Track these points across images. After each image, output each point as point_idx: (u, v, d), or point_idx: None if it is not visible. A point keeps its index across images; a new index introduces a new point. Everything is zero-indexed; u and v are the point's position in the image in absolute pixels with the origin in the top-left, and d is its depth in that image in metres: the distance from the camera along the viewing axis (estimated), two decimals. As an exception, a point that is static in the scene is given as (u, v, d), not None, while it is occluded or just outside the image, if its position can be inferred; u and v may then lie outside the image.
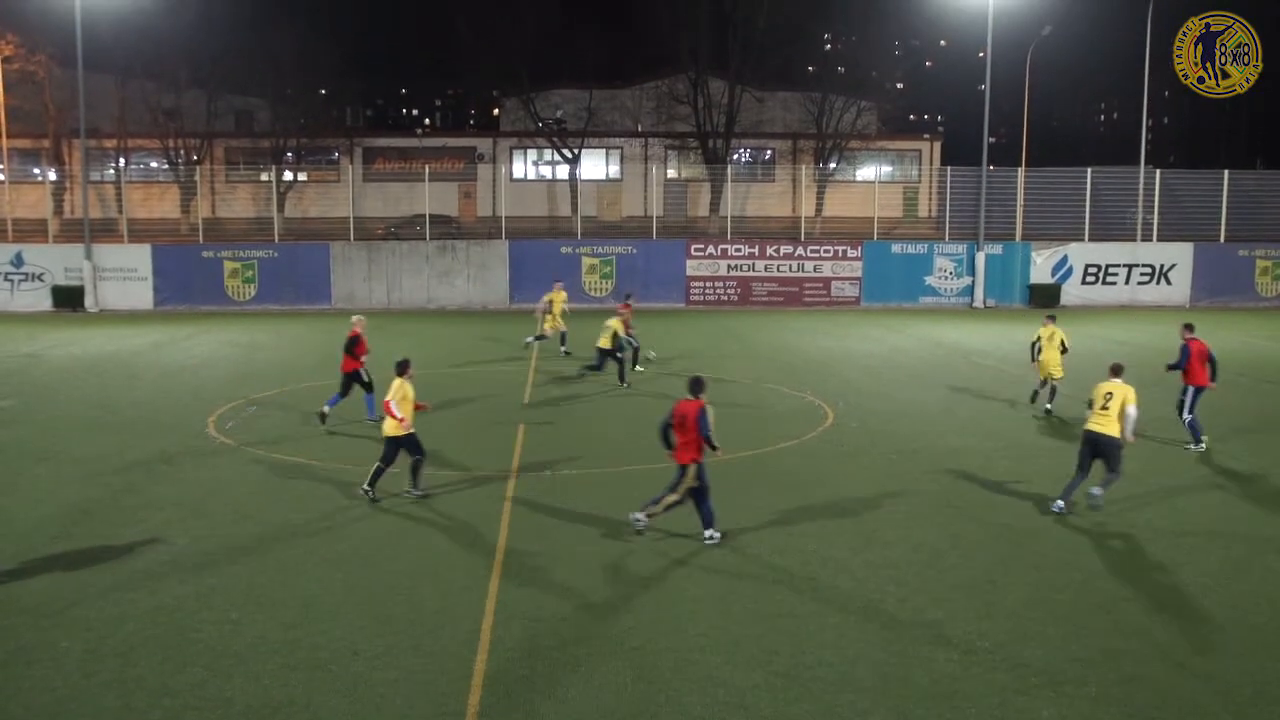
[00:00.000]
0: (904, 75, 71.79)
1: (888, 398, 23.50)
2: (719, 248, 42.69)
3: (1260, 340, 33.74)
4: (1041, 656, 10.31)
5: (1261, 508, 15.32)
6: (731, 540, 13.67)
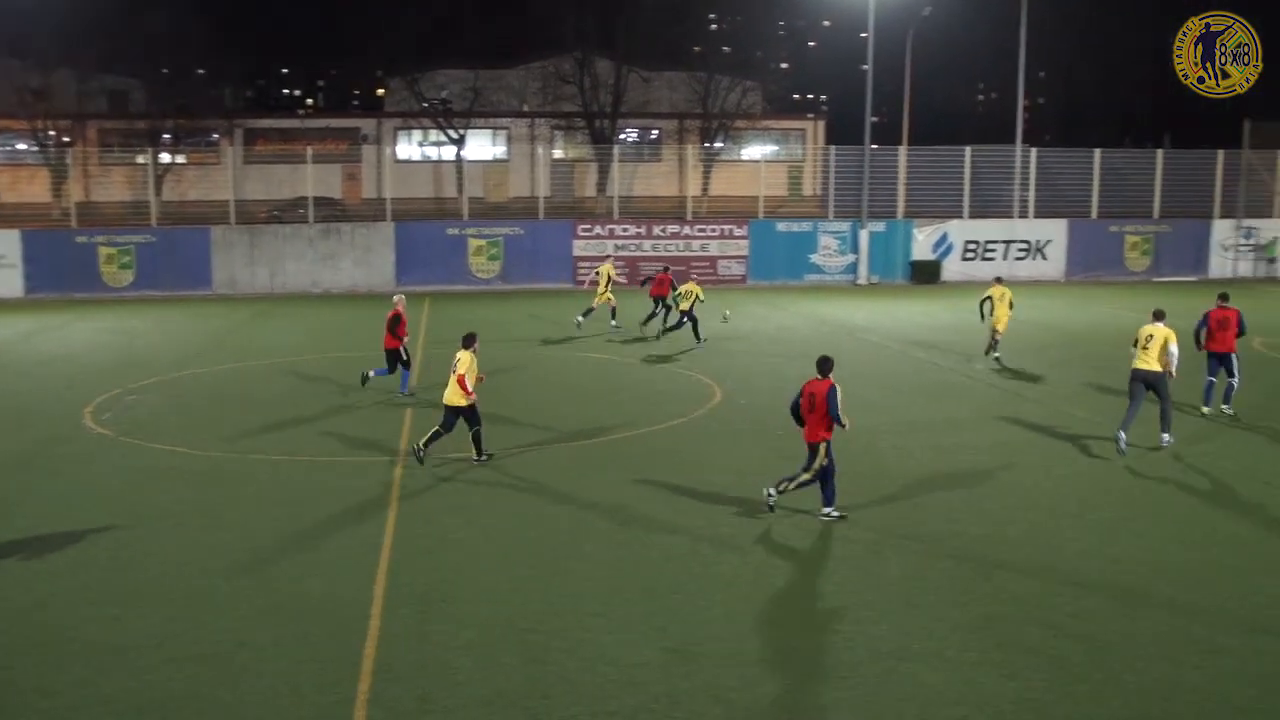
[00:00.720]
0: (788, 55, 72.47)
1: (775, 375, 23.75)
2: (606, 228, 42.69)
3: (1130, 313, 34.78)
4: (923, 624, 10.56)
5: (1133, 475, 15.84)
6: (621, 519, 13.76)
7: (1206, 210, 47.26)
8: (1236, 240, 47.22)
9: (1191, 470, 16.17)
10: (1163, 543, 12.96)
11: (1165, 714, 8.88)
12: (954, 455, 16.96)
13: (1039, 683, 9.38)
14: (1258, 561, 12.29)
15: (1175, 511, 14.18)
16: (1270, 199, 47.87)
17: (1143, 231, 46.34)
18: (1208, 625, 10.53)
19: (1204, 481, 15.60)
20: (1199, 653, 9.95)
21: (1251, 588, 11.49)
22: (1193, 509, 14.31)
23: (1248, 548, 12.77)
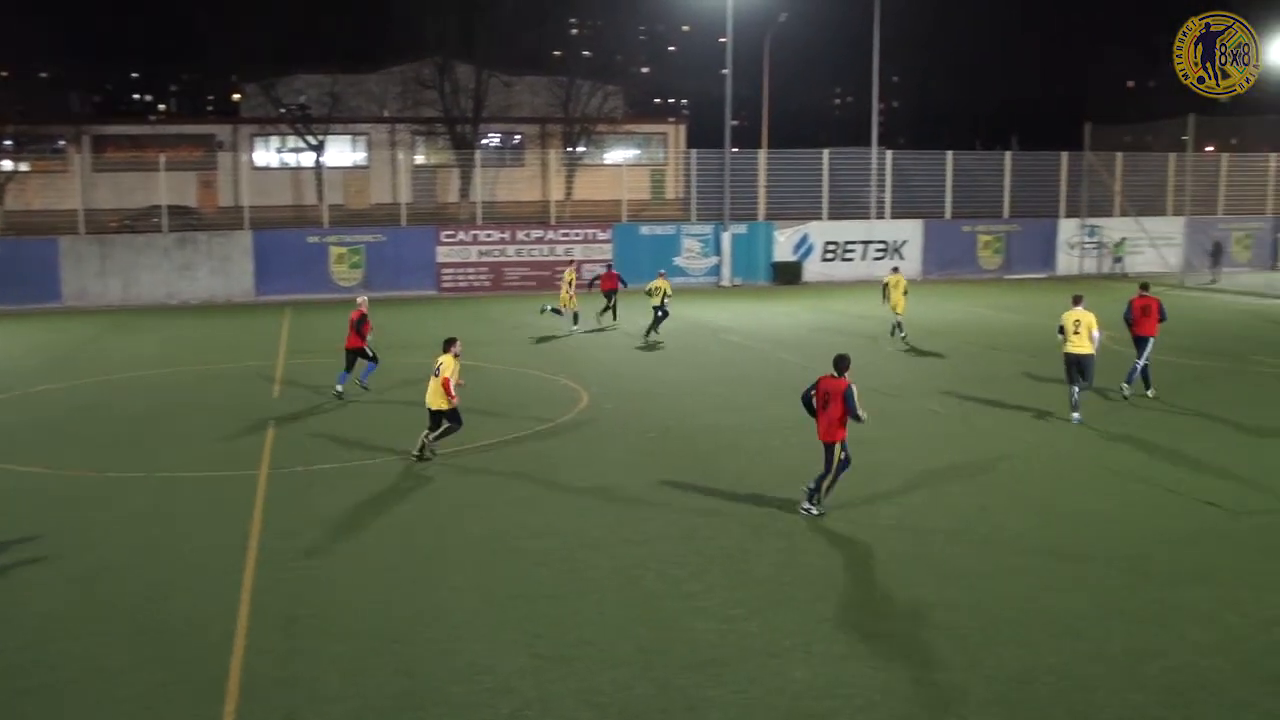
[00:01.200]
0: (649, 60, 72.94)
1: (641, 378, 23.91)
2: (470, 233, 42.40)
3: (984, 310, 35.94)
4: (793, 619, 10.74)
5: (993, 464, 16.32)
6: (490, 525, 13.70)
7: (1053, 210, 49.02)
8: (1081, 239, 49.06)
9: (1051, 457, 16.74)
10: (1020, 530, 13.38)
11: (1023, 697, 9.18)
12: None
13: (904, 672, 9.62)
14: (1111, 546, 12.78)
15: (1032, 498, 14.65)
16: (1111, 199, 49.80)
17: (994, 231, 47.82)
18: (1064, 609, 10.92)
19: (1065, 467, 16.15)
20: (1054, 635, 10.31)
21: (1100, 572, 11.95)
22: (1049, 496, 14.79)
23: (1101, 532, 13.27)
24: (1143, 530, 13.40)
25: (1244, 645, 10.10)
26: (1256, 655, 9.90)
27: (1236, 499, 14.56)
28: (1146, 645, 10.11)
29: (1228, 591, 11.37)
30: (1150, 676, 9.50)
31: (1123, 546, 12.77)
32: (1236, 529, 13.43)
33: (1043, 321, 32.57)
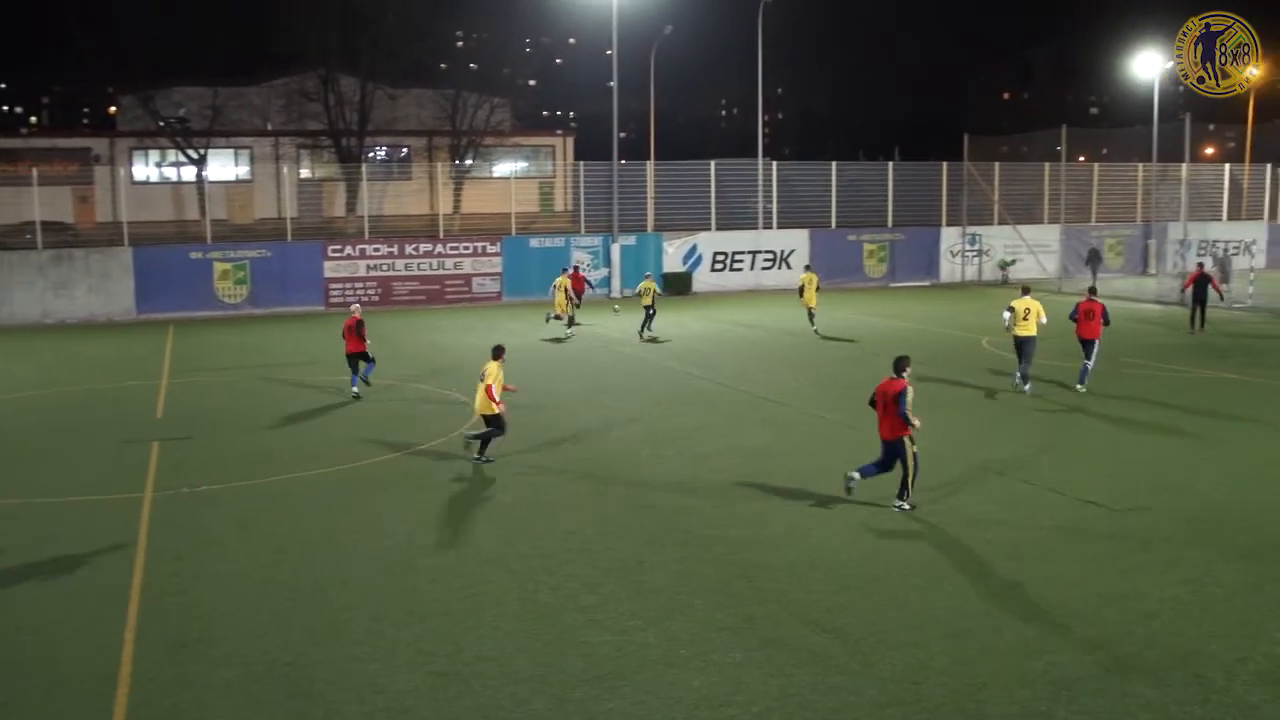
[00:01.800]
0: (535, 72, 72.92)
1: (533, 390, 23.81)
2: (358, 248, 41.90)
3: (871, 317, 36.57)
4: (690, 629, 10.80)
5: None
6: (382, 542, 13.54)
7: (935, 219, 50.16)
8: (963, 247, 50.24)
9: (936, 461, 17.07)
10: (909, 534, 13.63)
11: (916, 697, 9.35)
12: (711, 461, 17.40)
13: (801, 678, 9.73)
14: (997, 547, 13.08)
15: (919, 502, 14.90)
16: (990, 208, 51.09)
17: (879, 240, 48.75)
18: (952, 610, 11.14)
19: (950, 471, 16.47)
20: (945, 636, 10.51)
21: (986, 572, 12.23)
22: (935, 499, 15.06)
23: (988, 533, 13.56)
24: (1028, 529, 13.73)
25: (1124, 639, 10.41)
26: (1136, 648, 10.22)
27: (1114, 497, 15.02)
28: (1033, 642, 10.36)
29: (1108, 587, 11.72)
30: (1037, 672, 9.74)
31: (1009, 547, 13.07)
32: (1115, 526, 13.85)
33: (928, 328, 33.33)
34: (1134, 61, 61.02)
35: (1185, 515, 14.27)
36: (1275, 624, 10.70)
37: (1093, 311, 22.61)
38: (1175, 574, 12.09)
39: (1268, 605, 11.20)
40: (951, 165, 50.44)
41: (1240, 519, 14.09)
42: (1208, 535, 13.47)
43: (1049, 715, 9.00)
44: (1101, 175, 54.89)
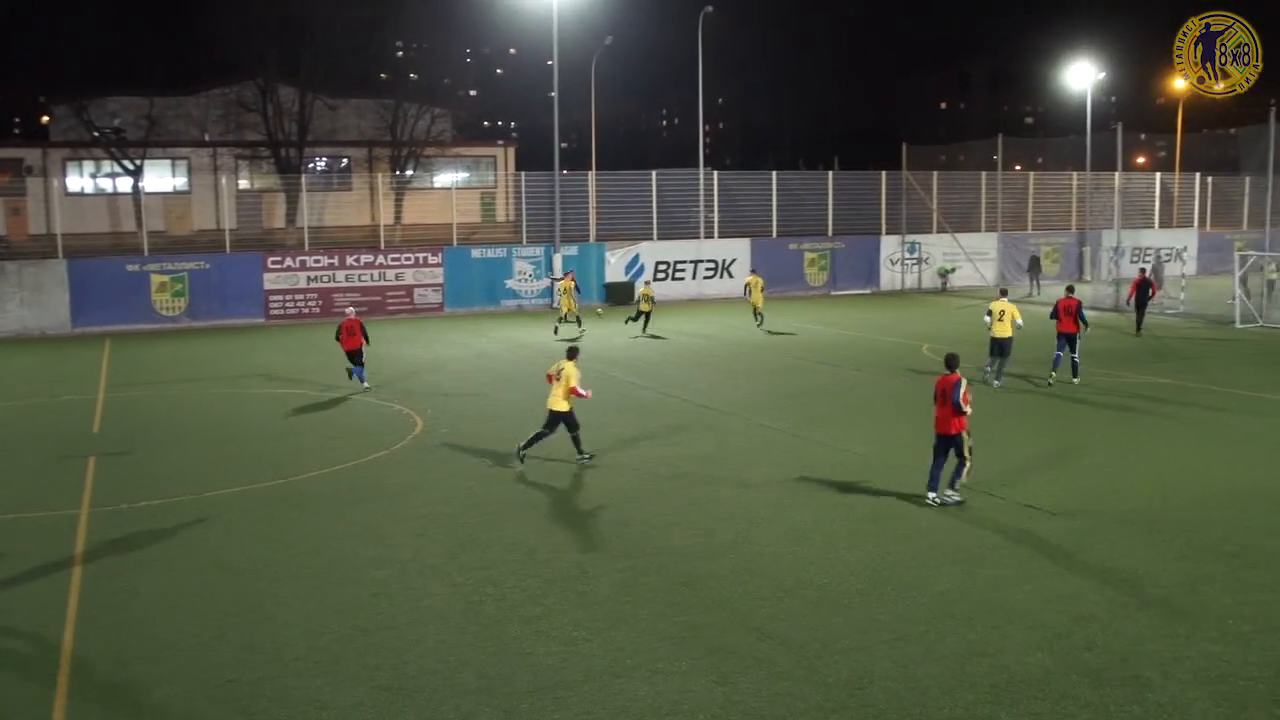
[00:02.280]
0: (476, 82, 72.70)
1: (476, 402, 23.76)
2: (298, 259, 41.53)
3: (813, 326, 36.81)
4: (635, 638, 10.80)
5: (820, 481, 16.70)
6: (326, 556, 13.42)
7: (875, 228, 50.61)
8: (902, 255, 50.75)
9: (882, 468, 17.22)
10: (852, 540, 13.72)
11: (860, 702, 9.41)
12: (654, 470, 17.43)
13: (746, 685, 9.76)
14: (940, 552, 13.20)
15: (863, 507, 15.04)
16: (929, 216, 51.64)
17: (819, 249, 49.11)
18: (896, 615, 11.24)
19: (894, 477, 16.62)
20: (888, 641, 10.60)
21: (928, 577, 12.34)
22: (879, 505, 15.19)
23: (930, 539, 13.69)
24: (968, 534, 13.88)
25: (1064, 641, 10.55)
26: (1075, 650, 10.36)
27: (1053, 500, 15.22)
28: (975, 645, 10.47)
29: (1048, 589, 11.87)
30: (980, 675, 9.85)
31: (950, 551, 13.21)
32: (1054, 529, 14.03)
33: (869, 335, 33.60)
34: (1068, 72, 62.09)
35: (1122, 518, 14.49)
36: (1209, 624, 10.89)
37: (1071, 308, 24.20)
38: (1112, 575, 12.28)
39: (1202, 605, 11.40)
40: (890, 174, 50.94)
41: (1175, 522, 14.33)
42: (1144, 538, 13.69)
43: (991, 718, 9.10)
44: (1037, 184, 55.68)
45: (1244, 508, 14.89)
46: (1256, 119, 45.29)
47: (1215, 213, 60.42)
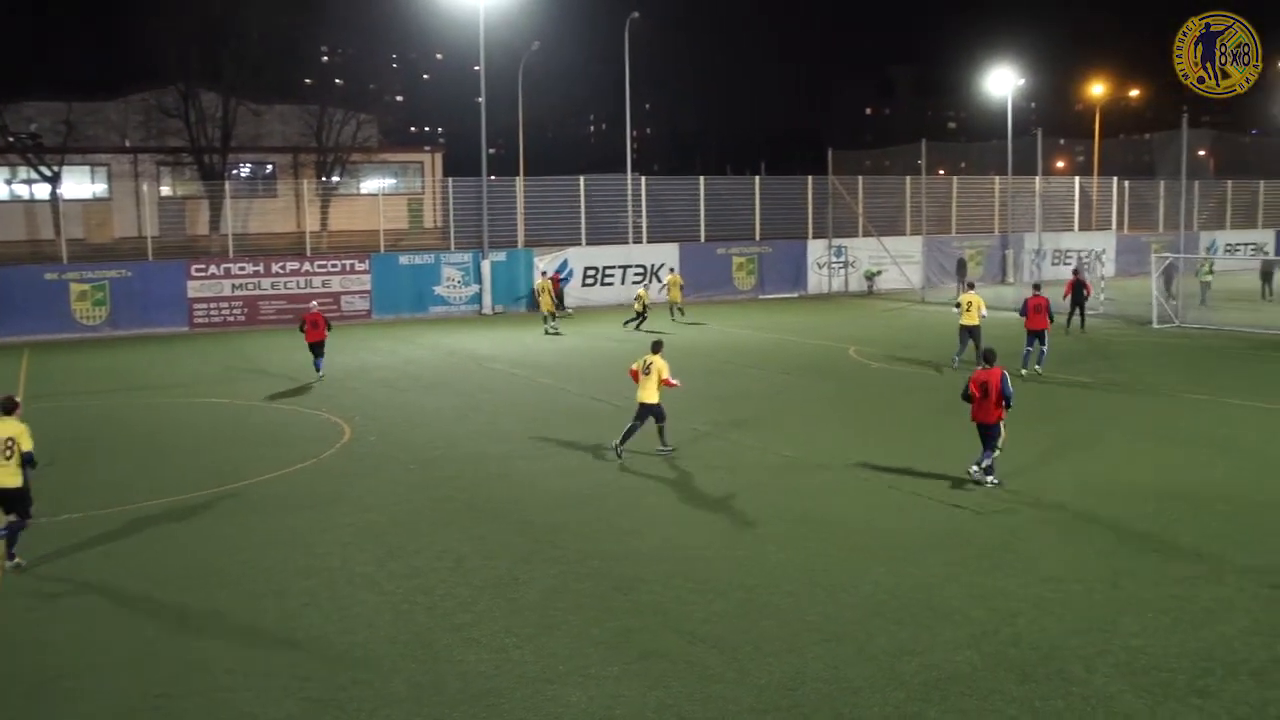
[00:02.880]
0: (402, 88, 72.19)
1: (404, 409, 23.59)
2: (222, 267, 40.95)
3: (741, 330, 37.02)
4: (567, 644, 10.78)
5: (748, 484, 16.80)
6: (254, 567, 13.24)
7: (802, 232, 51.02)
8: (829, 259, 51.21)
9: (808, 470, 17.36)
10: (782, 541, 13.81)
11: (793, 703, 9.47)
12: (585, 475, 17.43)
13: (679, 689, 9.78)
14: (870, 552, 13.33)
15: (793, 510, 15.14)
16: (855, 220, 52.15)
17: (747, 253, 49.42)
18: (826, 616, 11.33)
19: (822, 478, 16.75)
20: (819, 642, 10.68)
21: (858, 577, 12.46)
22: (807, 507, 15.31)
23: (861, 539, 13.82)
24: (897, 534, 14.03)
25: (991, 638, 10.71)
26: (1002, 646, 10.51)
27: (979, 500, 15.45)
28: (905, 644, 10.59)
29: (975, 587, 12.04)
30: (909, 673, 9.96)
31: (880, 551, 13.34)
32: (981, 528, 14.24)
33: (797, 338, 33.86)
34: (989, 79, 63.09)
35: (1045, 515, 14.75)
36: (1131, 618, 11.11)
37: (1040, 305, 26.11)
38: (1038, 573, 12.48)
39: (1124, 600, 11.63)
40: (817, 179, 51.39)
41: (1096, 518, 14.61)
42: (1068, 535, 13.94)
43: (921, 715, 9.21)
44: (960, 188, 56.52)
45: (1163, 504, 15.21)
46: (1169, 125, 46.31)
47: (1132, 216, 61.76)
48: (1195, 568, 12.60)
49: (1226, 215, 63.25)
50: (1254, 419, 21.04)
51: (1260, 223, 65.11)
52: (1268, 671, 9.87)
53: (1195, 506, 15.09)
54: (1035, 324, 26.01)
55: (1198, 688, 9.58)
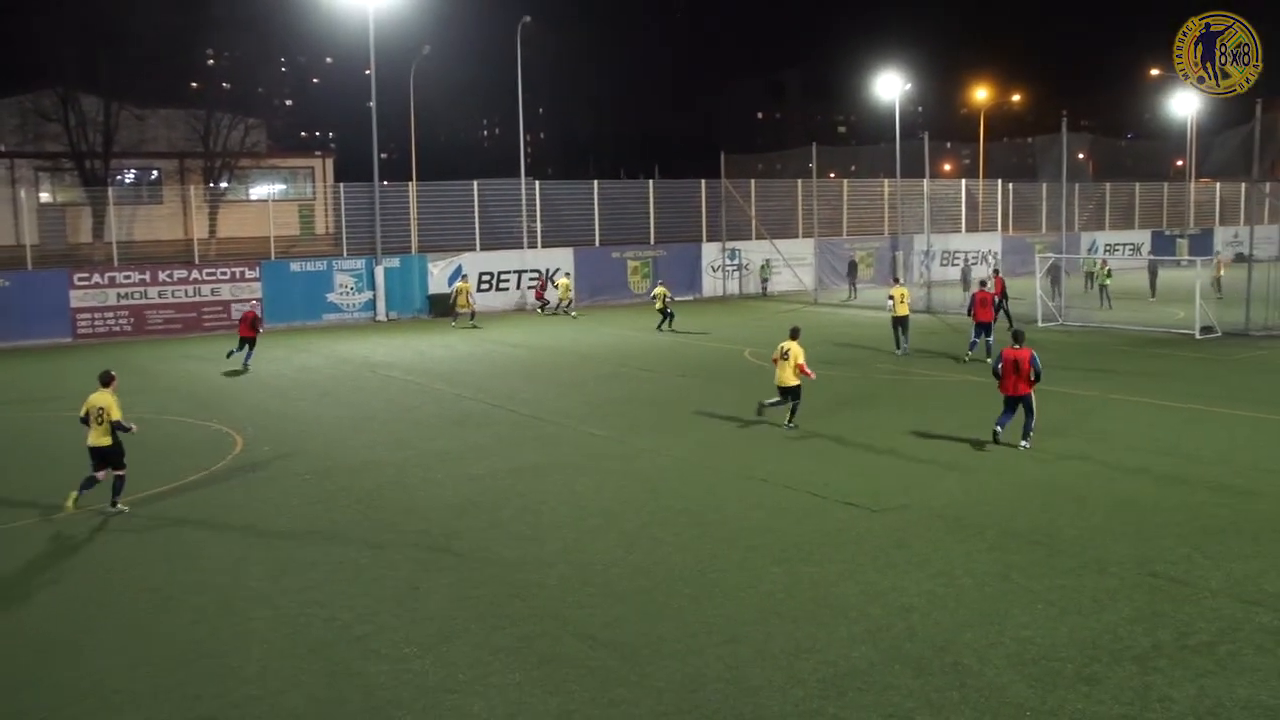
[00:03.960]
0: (291, 92, 71.10)
1: (298, 418, 23.23)
2: (107, 276, 39.89)
3: (636, 333, 37.13)
4: (467, 653, 10.71)
5: (644, 485, 16.86)
6: (143, 584, 12.93)
7: (696, 235, 51.38)
8: (723, 262, 51.64)
9: (704, 471, 17.47)
10: (679, 544, 13.88)
11: (694, 704, 9.53)
12: (483, 482, 17.33)
13: (580, 694, 9.78)
14: (767, 552, 13.46)
15: (689, 512, 15.23)
16: (748, 223, 52.67)
17: (642, 256, 49.62)
18: (725, 617, 11.42)
19: (716, 480, 16.87)
20: (718, 643, 10.76)
21: (755, 578, 12.58)
22: (703, 508, 15.40)
23: (757, 539, 13.95)
24: (792, 534, 14.19)
25: (886, 633, 10.89)
26: (898, 641, 10.70)
27: (872, 498, 15.71)
28: (803, 642, 10.72)
29: (869, 584, 12.24)
30: (808, 671, 10.08)
31: (776, 551, 13.48)
32: (874, 525, 14.47)
33: (692, 341, 34.06)
34: (877, 83, 64.18)
35: (937, 512, 15.04)
36: (1021, 609, 11.39)
37: (986, 300, 28.54)
38: (930, 568, 12.73)
39: (1014, 592, 11.92)
40: (710, 182, 51.80)
41: (985, 513, 14.94)
42: (956, 530, 14.23)
43: (821, 712, 9.33)
44: (851, 191, 57.43)
45: (1047, 498, 15.62)
46: (1050, 128, 47.59)
47: (1017, 217, 63.35)
48: (1080, 559, 12.96)
49: (1106, 216, 65.26)
50: (1133, 414, 21.72)
51: (1137, 224, 67.29)
52: (1149, 657, 10.19)
53: (1079, 500, 15.51)
54: (982, 316, 28.33)
55: (1085, 675, 9.86)
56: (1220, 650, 10.32)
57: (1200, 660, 10.12)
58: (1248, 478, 16.59)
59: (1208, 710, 9.17)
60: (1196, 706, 9.23)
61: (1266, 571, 12.42)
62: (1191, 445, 18.82)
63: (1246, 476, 16.66)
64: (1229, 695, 9.41)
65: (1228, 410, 21.87)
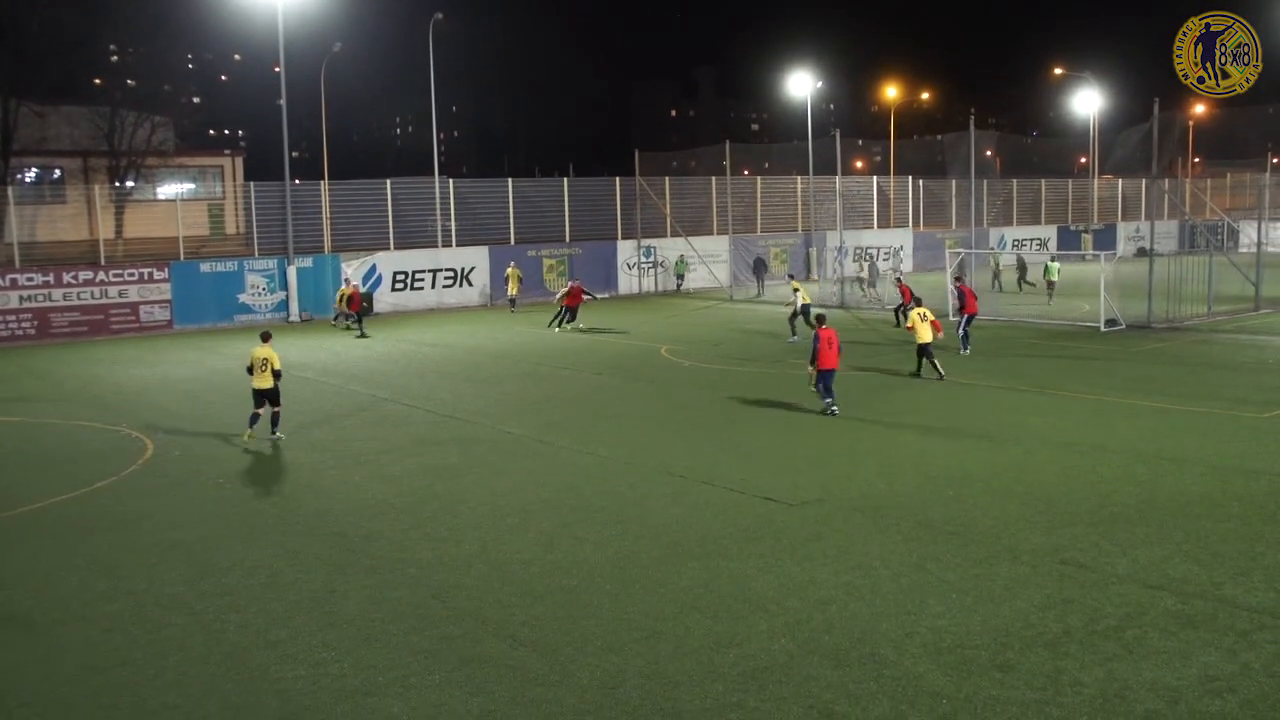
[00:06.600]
0: (199, 90, 69.85)
1: (211, 421, 22.84)
2: (8, 278, 38.84)
3: (553, 331, 37.03)
4: (386, 655, 10.63)
5: (562, 484, 16.86)
6: (52, 593, 12.64)
7: (611, 233, 51.44)
8: (639, 260, 51.76)
9: (622, 470, 17.51)
10: (598, 541, 13.91)
11: (615, 701, 9.56)
12: (400, 483, 17.21)
13: (501, 693, 9.76)
14: (686, 549, 13.54)
15: (608, 510, 15.26)
16: (663, 220, 52.86)
17: (558, 255, 49.55)
18: (644, 613, 11.46)
19: (637, 477, 16.92)
20: (639, 640, 10.80)
21: (674, 573, 12.65)
22: (622, 508, 15.45)
23: (677, 536, 14.02)
24: (711, 529, 14.29)
25: (805, 626, 11.02)
26: (816, 633, 10.83)
27: (789, 492, 15.87)
28: (722, 637, 10.80)
29: (788, 578, 12.37)
30: (727, 665, 10.17)
31: (694, 546, 13.57)
32: (792, 519, 14.62)
33: (609, 339, 34.08)
34: (789, 81, 64.77)
35: (853, 505, 15.24)
36: (936, 599, 11.59)
37: (963, 294, 30.50)
38: (847, 560, 12.90)
39: (929, 583, 12.12)
40: (624, 180, 51.90)
41: (901, 505, 15.18)
42: (873, 522, 14.44)
43: (741, 705, 9.41)
44: (764, 188, 57.90)
45: (959, 490, 15.90)
46: (959, 126, 48.43)
47: (927, 213, 64.36)
48: (993, 548, 13.22)
49: (1014, 212, 66.51)
50: (1043, 406, 22.18)
51: (1043, 219, 68.70)
52: (1060, 643, 10.43)
53: (992, 491, 15.82)
54: (967, 310, 30.14)
55: (999, 662, 10.07)
56: (1127, 634, 10.60)
57: (1108, 645, 10.38)
58: (1152, 466, 17.05)
59: (1116, 693, 9.42)
60: (1105, 690, 9.48)
61: (1170, 557, 12.78)
62: (1099, 436, 19.27)
63: (1151, 465, 17.12)
64: (1136, 678, 9.68)
65: (1132, 400, 22.44)
